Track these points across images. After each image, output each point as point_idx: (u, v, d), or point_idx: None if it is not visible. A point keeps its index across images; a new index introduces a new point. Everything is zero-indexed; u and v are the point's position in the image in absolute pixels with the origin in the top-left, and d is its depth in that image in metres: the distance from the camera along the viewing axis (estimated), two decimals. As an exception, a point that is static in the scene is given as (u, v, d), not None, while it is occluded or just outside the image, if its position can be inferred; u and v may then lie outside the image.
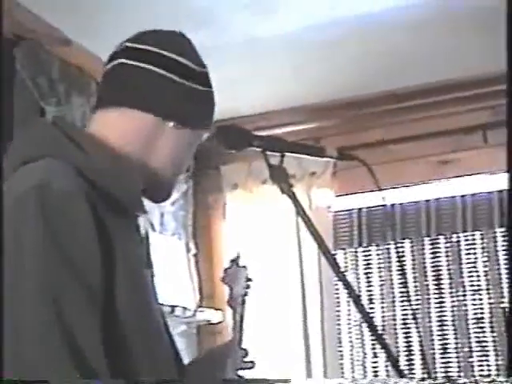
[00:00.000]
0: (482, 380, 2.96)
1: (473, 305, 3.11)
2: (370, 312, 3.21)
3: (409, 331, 3.17)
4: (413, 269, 3.20)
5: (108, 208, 1.10)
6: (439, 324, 3.14)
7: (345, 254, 3.32)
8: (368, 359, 3.23)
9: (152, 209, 3.06)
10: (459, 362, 3.09)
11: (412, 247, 3.22)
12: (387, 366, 3.17)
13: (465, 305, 3.12)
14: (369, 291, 3.26)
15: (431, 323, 3.15)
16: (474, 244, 3.15)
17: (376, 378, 3.16)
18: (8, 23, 2.15)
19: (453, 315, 3.13)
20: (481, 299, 3.10)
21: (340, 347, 3.22)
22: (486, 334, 3.07)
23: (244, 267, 1.49)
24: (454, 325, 3.12)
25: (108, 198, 1.11)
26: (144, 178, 1.23)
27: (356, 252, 3.30)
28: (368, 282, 3.27)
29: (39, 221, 1.00)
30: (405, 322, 3.19)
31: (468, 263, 3.15)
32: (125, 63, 1.23)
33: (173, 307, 2.89)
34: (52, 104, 2.46)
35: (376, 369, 3.21)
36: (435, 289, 3.17)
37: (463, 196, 3.15)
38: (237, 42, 2.63)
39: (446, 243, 3.18)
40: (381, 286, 3.25)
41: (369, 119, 3.19)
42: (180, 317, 2.98)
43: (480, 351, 3.07)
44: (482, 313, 3.09)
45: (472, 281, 3.13)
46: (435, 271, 3.18)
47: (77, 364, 0.94)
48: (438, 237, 3.19)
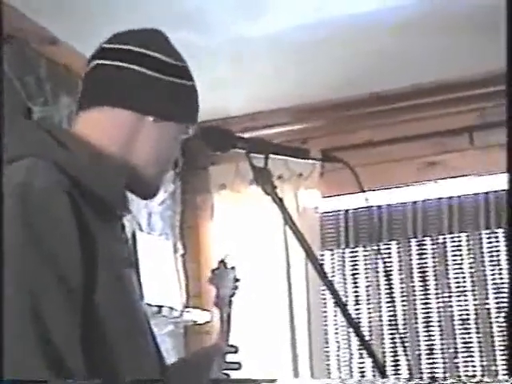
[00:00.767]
0: (470, 381, 2.97)
1: (458, 306, 3.13)
2: (357, 314, 3.23)
3: (395, 332, 3.19)
4: (399, 270, 3.22)
5: (91, 207, 1.10)
6: (425, 325, 3.16)
7: (332, 255, 3.33)
8: (354, 360, 3.24)
9: (139, 209, 3.06)
10: (445, 363, 3.11)
11: (398, 248, 3.23)
12: (374, 367, 3.18)
13: (450, 306, 3.13)
14: (355, 292, 3.28)
15: (417, 324, 3.16)
16: (460, 245, 3.16)
17: (363, 379, 3.17)
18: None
19: (439, 316, 3.15)
20: (466, 300, 3.12)
21: (327, 348, 3.23)
22: (472, 335, 3.09)
23: (232, 268, 1.50)
24: (440, 325, 3.14)
25: (91, 197, 1.11)
26: (128, 175, 1.23)
27: (343, 253, 3.31)
28: (355, 283, 3.28)
29: (19, 219, 1.00)
30: (391, 324, 3.20)
31: (454, 264, 3.16)
32: (101, 64, 1.25)
33: (160, 307, 2.89)
34: (39, 104, 2.46)
35: (362, 369, 3.22)
36: (421, 290, 3.19)
37: (449, 198, 3.17)
38: (224, 43, 2.63)
39: (433, 244, 3.20)
40: (367, 287, 3.26)
41: (356, 121, 3.20)
42: (167, 317, 2.98)
43: (465, 352, 3.09)
44: (468, 314, 3.11)
45: (458, 282, 3.15)
46: (421, 272, 3.20)
47: (51, 363, 0.94)
48: (425, 238, 3.21)
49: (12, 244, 0.98)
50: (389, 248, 3.24)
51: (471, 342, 3.09)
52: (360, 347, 3.19)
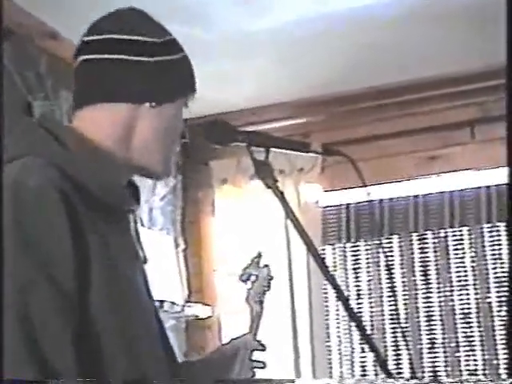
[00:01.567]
0: (468, 380, 2.97)
1: (460, 300, 3.12)
2: (358, 308, 3.23)
3: (397, 326, 3.18)
4: (401, 264, 3.22)
5: (90, 205, 1.09)
6: (427, 319, 3.16)
7: (333, 250, 3.32)
8: (356, 354, 3.24)
9: (140, 204, 3.06)
10: (446, 357, 3.11)
11: (400, 243, 3.23)
12: (375, 362, 3.18)
13: (452, 300, 3.13)
14: (357, 286, 3.27)
15: (419, 318, 3.16)
16: (462, 240, 3.16)
17: (363, 378, 3.17)
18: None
19: (440, 310, 3.14)
20: (468, 294, 3.12)
21: (328, 342, 3.23)
22: (473, 330, 3.09)
23: (266, 266, 1.51)
24: (442, 320, 3.14)
25: (90, 195, 1.10)
26: (132, 169, 1.22)
27: (344, 247, 3.31)
28: (356, 278, 3.28)
29: (10, 217, 0.99)
30: (393, 318, 3.20)
31: (455, 258, 3.16)
32: (86, 59, 1.22)
33: (161, 302, 2.89)
34: (40, 99, 2.45)
35: (364, 363, 3.22)
36: (423, 284, 3.18)
37: (451, 192, 3.17)
38: (225, 37, 2.63)
39: (434, 239, 3.20)
40: (369, 282, 3.25)
41: (357, 115, 3.19)
42: (168, 312, 2.98)
43: (467, 346, 3.09)
44: (469, 308, 3.11)
45: (459, 276, 3.14)
46: (423, 266, 3.20)
47: (36, 363, 0.94)
48: (426, 232, 3.20)
49: (5, 245, 0.98)
50: (390, 242, 3.24)
51: (473, 337, 3.08)
52: (362, 341, 3.19)
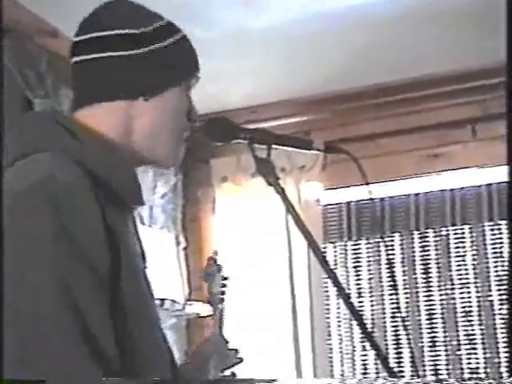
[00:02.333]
0: (470, 378, 2.97)
1: (461, 298, 3.12)
2: (359, 307, 3.22)
3: (398, 324, 3.18)
4: (402, 262, 3.21)
5: (107, 199, 1.08)
6: (428, 317, 3.15)
7: (334, 248, 3.32)
8: (357, 353, 3.23)
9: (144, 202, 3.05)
10: (447, 355, 3.11)
11: (401, 241, 3.23)
12: (376, 360, 3.18)
13: (453, 298, 3.13)
14: (358, 285, 3.27)
15: (420, 316, 3.16)
16: (463, 237, 3.16)
17: (364, 378, 3.16)
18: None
19: (441, 308, 3.14)
20: (469, 292, 3.11)
21: (329, 341, 3.23)
22: (474, 328, 3.08)
23: (219, 266, 1.50)
24: (443, 318, 3.13)
25: (108, 190, 1.09)
26: (136, 161, 1.21)
27: (345, 246, 3.31)
28: (357, 276, 3.28)
29: (48, 213, 0.98)
30: (394, 316, 3.19)
31: (457, 256, 3.16)
32: (77, 61, 1.20)
33: (162, 300, 2.88)
34: (40, 96, 2.45)
35: (365, 362, 3.22)
36: (424, 282, 3.18)
37: (452, 190, 3.16)
38: (225, 35, 2.62)
39: (435, 237, 3.19)
40: (370, 280, 3.25)
41: (358, 113, 3.18)
42: (169, 310, 2.98)
43: (468, 344, 3.09)
44: (471, 306, 3.10)
45: (460, 274, 3.14)
46: (424, 265, 3.19)
47: (93, 352, 0.94)
48: (427, 230, 3.20)
49: (42, 239, 0.97)
50: (391, 240, 3.24)
51: (474, 335, 3.08)
52: (363, 339, 3.19)
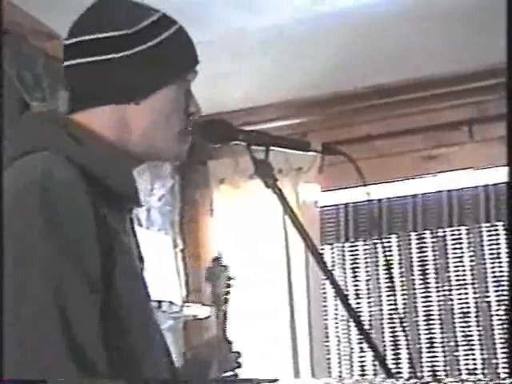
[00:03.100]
0: (467, 379, 2.97)
1: (459, 299, 3.13)
2: (357, 308, 3.23)
3: (396, 325, 3.18)
4: (399, 263, 3.22)
5: (104, 199, 1.08)
6: (425, 318, 3.16)
7: (332, 249, 3.32)
8: (355, 354, 3.24)
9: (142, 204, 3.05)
10: (445, 356, 3.11)
11: (398, 242, 3.23)
12: (374, 361, 3.18)
13: (451, 299, 3.13)
14: (355, 286, 3.27)
15: (418, 318, 3.16)
16: (460, 239, 3.16)
17: (362, 378, 3.17)
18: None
19: (439, 309, 3.15)
20: (466, 294, 3.12)
21: (327, 342, 3.23)
22: (472, 329, 3.09)
23: (225, 266, 1.50)
24: (441, 319, 3.14)
25: (105, 190, 1.09)
26: (136, 161, 1.21)
27: (343, 247, 3.31)
28: (355, 277, 3.28)
29: (41, 212, 0.98)
30: (392, 317, 3.20)
31: (454, 258, 3.16)
32: (67, 65, 1.19)
33: (159, 302, 2.88)
34: (37, 99, 2.45)
35: (363, 363, 3.22)
36: (421, 283, 3.19)
37: (449, 191, 3.17)
38: (223, 37, 2.62)
39: (432, 238, 3.20)
40: (367, 281, 3.26)
41: (355, 114, 3.19)
42: (167, 312, 2.98)
43: (466, 345, 3.09)
44: (468, 307, 3.11)
45: (458, 275, 3.14)
46: (421, 266, 3.20)
47: (75, 357, 0.93)
48: (425, 232, 3.20)
49: (34, 236, 0.97)
50: (389, 241, 3.24)
51: (471, 336, 3.09)
52: (361, 340, 3.19)
